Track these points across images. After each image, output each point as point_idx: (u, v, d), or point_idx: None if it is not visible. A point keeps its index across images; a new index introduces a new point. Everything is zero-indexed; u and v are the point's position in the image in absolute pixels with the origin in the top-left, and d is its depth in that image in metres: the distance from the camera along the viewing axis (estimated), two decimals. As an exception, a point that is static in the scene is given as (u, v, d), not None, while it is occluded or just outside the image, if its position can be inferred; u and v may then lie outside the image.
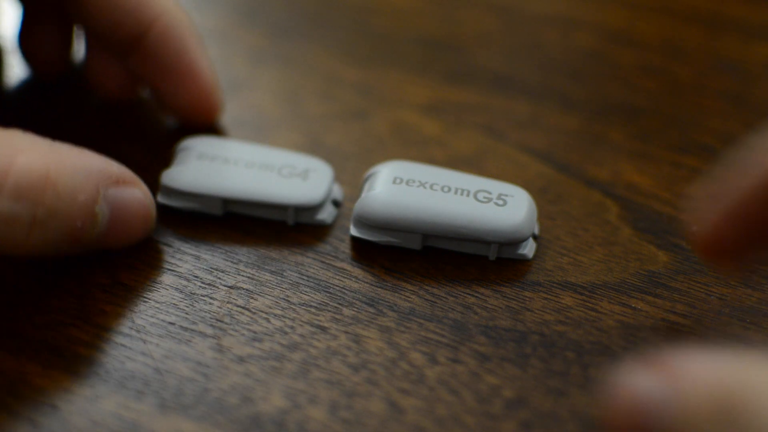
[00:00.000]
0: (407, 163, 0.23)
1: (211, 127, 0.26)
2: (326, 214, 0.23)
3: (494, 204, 0.22)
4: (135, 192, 0.21)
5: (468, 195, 0.22)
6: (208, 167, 0.23)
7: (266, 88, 0.30)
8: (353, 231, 0.22)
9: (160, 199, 0.23)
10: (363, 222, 0.22)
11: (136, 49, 0.24)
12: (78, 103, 0.28)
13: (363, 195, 0.22)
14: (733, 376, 0.13)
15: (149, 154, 0.26)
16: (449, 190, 0.22)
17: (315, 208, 0.23)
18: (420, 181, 0.22)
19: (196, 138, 0.24)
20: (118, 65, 0.26)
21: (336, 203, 0.24)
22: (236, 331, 0.20)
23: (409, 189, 0.22)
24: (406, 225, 0.22)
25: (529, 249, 0.22)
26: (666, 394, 0.13)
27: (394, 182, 0.22)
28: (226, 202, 0.23)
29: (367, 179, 0.23)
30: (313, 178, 0.23)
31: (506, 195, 0.22)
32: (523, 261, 0.22)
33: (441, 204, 0.22)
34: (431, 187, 0.22)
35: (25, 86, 0.29)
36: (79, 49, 0.28)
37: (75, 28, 0.27)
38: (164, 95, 0.24)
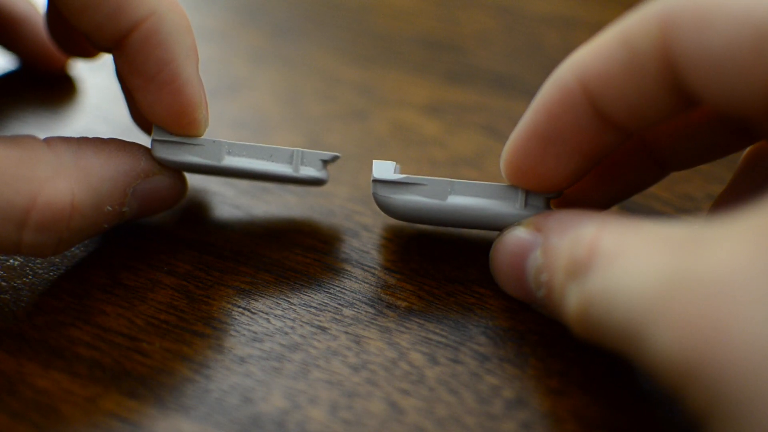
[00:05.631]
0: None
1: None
2: (323, 174, 0.22)
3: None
4: (163, 180, 0.22)
5: None
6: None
7: (266, 88, 0.30)
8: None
9: (155, 152, 0.21)
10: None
11: (119, 51, 0.21)
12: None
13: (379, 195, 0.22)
14: (585, 226, 0.17)
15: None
16: None
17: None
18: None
19: None
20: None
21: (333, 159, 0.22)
22: (237, 331, 0.20)
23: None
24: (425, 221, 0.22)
25: None
26: (535, 238, 0.19)
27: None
28: (229, 147, 0.21)
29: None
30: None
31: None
32: None
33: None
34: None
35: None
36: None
37: None
38: (141, 104, 0.21)
